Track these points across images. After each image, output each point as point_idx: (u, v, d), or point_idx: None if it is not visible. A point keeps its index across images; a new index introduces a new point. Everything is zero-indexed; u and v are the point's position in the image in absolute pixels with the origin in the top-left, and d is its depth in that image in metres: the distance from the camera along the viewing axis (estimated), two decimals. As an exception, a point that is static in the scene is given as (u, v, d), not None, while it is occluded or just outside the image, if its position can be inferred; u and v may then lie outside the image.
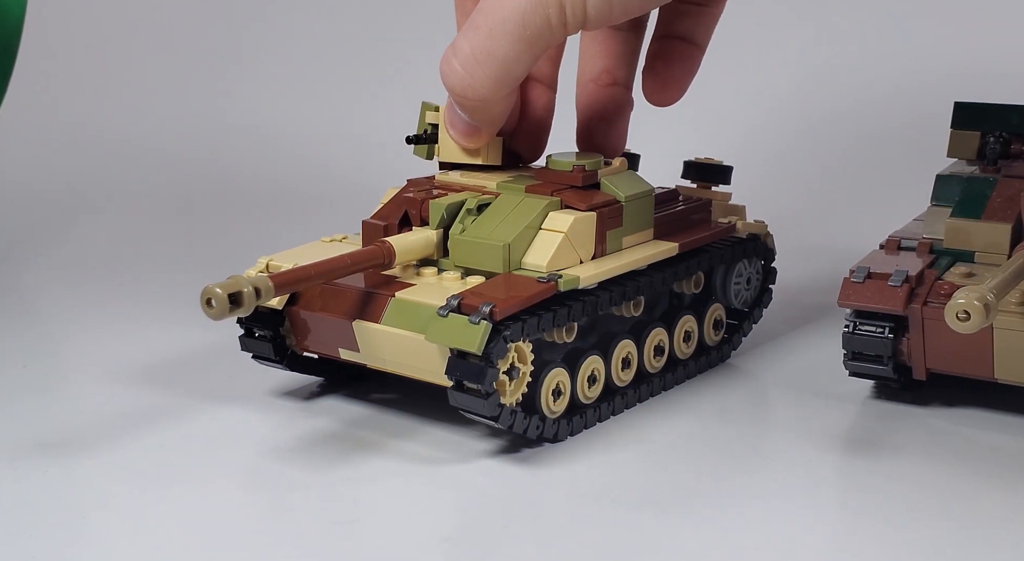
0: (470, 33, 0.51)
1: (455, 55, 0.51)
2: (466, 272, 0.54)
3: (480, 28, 0.50)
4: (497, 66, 0.50)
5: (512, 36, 0.50)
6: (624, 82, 0.59)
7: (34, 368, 0.64)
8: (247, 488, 0.50)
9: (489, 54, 0.50)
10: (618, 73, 0.59)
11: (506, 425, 0.51)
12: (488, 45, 0.50)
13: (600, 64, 0.59)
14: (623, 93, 0.59)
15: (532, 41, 0.50)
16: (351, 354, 0.54)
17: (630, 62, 0.59)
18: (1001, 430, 0.55)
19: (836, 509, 0.49)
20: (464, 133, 0.55)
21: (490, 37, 0.50)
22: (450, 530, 0.47)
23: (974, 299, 0.45)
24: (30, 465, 0.52)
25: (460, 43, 0.51)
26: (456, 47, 0.51)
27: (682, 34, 0.58)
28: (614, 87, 0.59)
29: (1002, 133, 0.64)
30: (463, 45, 0.51)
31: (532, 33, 0.49)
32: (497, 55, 0.50)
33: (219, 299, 0.46)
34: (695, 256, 0.59)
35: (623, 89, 0.59)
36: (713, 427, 0.56)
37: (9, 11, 0.81)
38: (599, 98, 0.59)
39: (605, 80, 0.59)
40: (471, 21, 0.51)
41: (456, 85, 0.52)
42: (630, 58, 0.59)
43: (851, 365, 0.57)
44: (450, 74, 0.52)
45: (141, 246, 0.87)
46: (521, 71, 0.51)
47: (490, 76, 0.51)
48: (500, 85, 0.51)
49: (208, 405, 0.58)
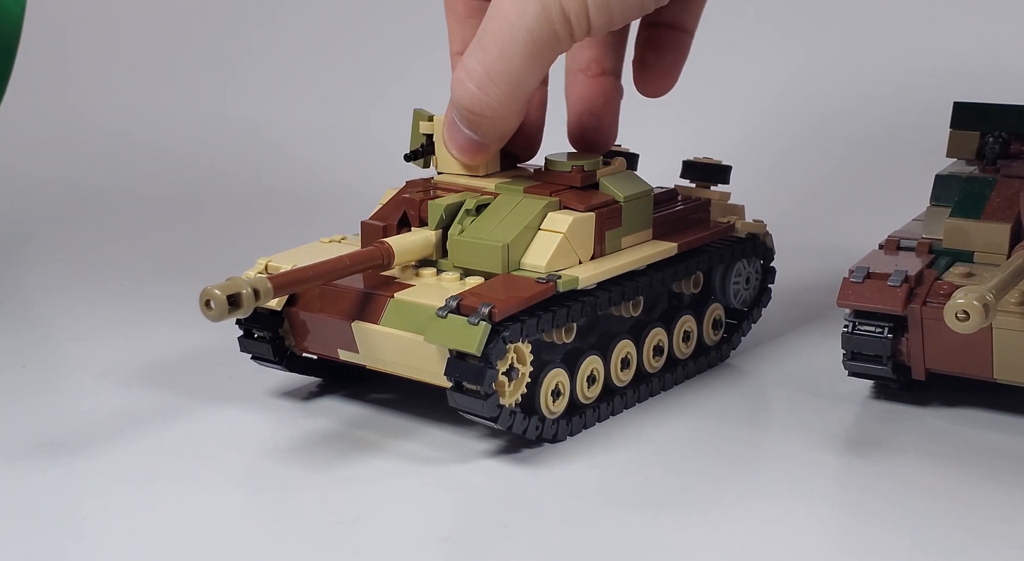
0: (480, 54, 0.51)
1: (469, 77, 0.52)
2: (465, 273, 0.54)
3: (490, 49, 0.51)
4: (511, 83, 0.52)
5: (523, 54, 0.51)
6: (613, 71, 0.59)
7: (34, 368, 0.64)
8: (247, 488, 0.50)
9: (502, 73, 0.51)
10: (606, 62, 0.59)
11: (505, 426, 0.51)
12: (501, 64, 0.51)
13: (588, 54, 0.59)
14: (612, 82, 0.59)
15: (542, 55, 0.51)
16: (350, 355, 0.54)
17: (617, 51, 0.59)
18: (1001, 430, 0.55)
19: (836, 509, 0.49)
20: (465, 149, 0.56)
21: (502, 57, 0.51)
22: (449, 530, 0.47)
23: (973, 299, 0.45)
24: (30, 465, 0.52)
25: (472, 65, 0.52)
26: (468, 69, 0.52)
27: (670, 21, 0.58)
28: (603, 77, 0.59)
29: (1001, 133, 0.64)
30: (475, 67, 0.52)
31: (541, 48, 0.51)
32: (511, 73, 0.51)
33: (218, 300, 0.46)
34: (694, 256, 0.59)
35: (612, 78, 0.59)
36: (712, 427, 0.56)
37: (9, 11, 0.81)
38: (589, 88, 0.59)
39: (594, 70, 0.59)
40: (480, 41, 0.52)
41: (474, 105, 0.53)
42: (617, 47, 0.59)
43: (850, 365, 0.57)
44: (466, 96, 0.52)
45: (141, 247, 0.87)
46: (534, 85, 0.52)
47: (505, 94, 0.52)
48: (514, 101, 0.52)
49: (207, 405, 0.58)
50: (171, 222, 0.93)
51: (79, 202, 0.98)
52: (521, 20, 0.50)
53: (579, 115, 0.59)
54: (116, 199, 0.99)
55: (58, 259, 0.84)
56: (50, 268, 0.82)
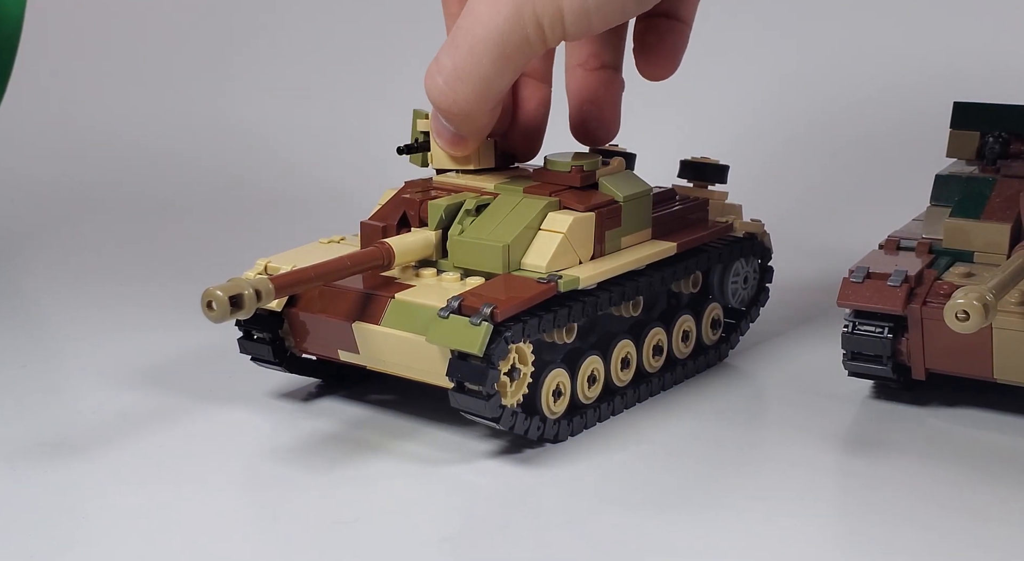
0: (451, 50, 0.51)
1: (439, 72, 0.52)
2: (465, 273, 0.54)
3: (460, 46, 0.51)
4: (479, 82, 0.51)
5: (492, 54, 0.50)
6: (613, 64, 0.59)
7: (34, 368, 0.64)
8: (247, 489, 0.50)
9: (470, 72, 0.51)
10: (605, 56, 0.59)
11: (507, 426, 0.51)
12: (469, 63, 0.51)
13: (587, 48, 0.59)
14: (613, 75, 0.59)
15: (512, 58, 0.50)
16: (351, 356, 0.54)
17: (616, 44, 0.59)
18: (1001, 430, 0.55)
19: (835, 509, 0.49)
20: (450, 142, 0.56)
21: (470, 55, 0.50)
22: (450, 530, 0.47)
23: (973, 299, 0.45)
24: (30, 465, 0.52)
25: (443, 60, 0.51)
26: (440, 63, 0.52)
27: (667, 12, 0.58)
28: (603, 70, 0.59)
29: (1001, 133, 0.64)
30: (446, 62, 0.51)
31: (511, 50, 0.50)
32: (479, 72, 0.51)
33: (220, 301, 0.46)
34: (693, 255, 0.59)
35: (612, 71, 0.59)
36: (712, 427, 0.56)
37: (9, 11, 0.81)
38: (589, 83, 0.59)
39: (593, 64, 0.59)
40: (452, 38, 0.51)
41: (440, 100, 0.52)
42: (616, 41, 0.59)
43: (850, 365, 0.57)
44: (434, 89, 0.52)
45: (140, 247, 0.87)
46: (503, 85, 0.52)
47: (473, 91, 0.51)
48: (483, 100, 0.52)
49: (207, 406, 0.58)
50: (171, 223, 0.93)
51: (79, 202, 0.98)
52: (493, 22, 0.50)
53: (580, 105, 0.59)
54: (116, 199, 0.99)
55: (58, 259, 0.84)
56: (50, 268, 0.82)
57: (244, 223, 0.92)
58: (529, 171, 0.59)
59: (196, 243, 0.88)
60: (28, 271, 0.81)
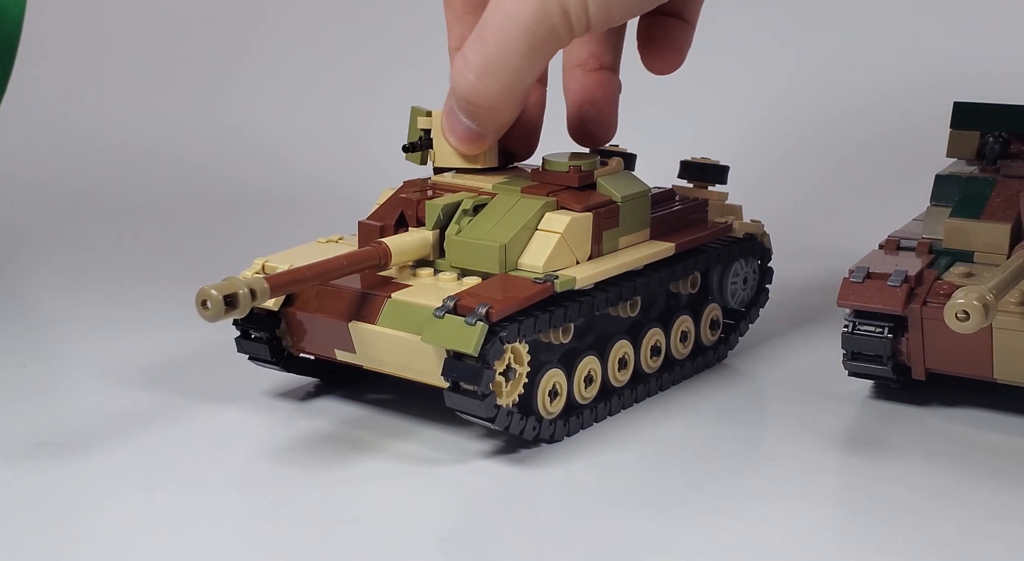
0: (479, 45, 0.52)
1: (467, 67, 0.52)
2: (462, 273, 0.54)
3: (488, 41, 0.51)
4: (509, 76, 0.52)
5: (521, 47, 0.51)
6: (611, 66, 0.59)
7: (34, 368, 0.64)
8: (245, 488, 0.50)
9: (501, 65, 0.52)
10: (604, 57, 0.59)
11: (502, 426, 0.51)
12: (498, 57, 0.51)
13: (586, 49, 0.59)
14: (611, 77, 0.59)
15: (540, 50, 0.51)
16: (347, 355, 0.54)
17: (615, 46, 0.59)
18: (1001, 430, 0.55)
19: (835, 509, 0.49)
20: (464, 139, 0.56)
21: (500, 49, 0.51)
22: (447, 530, 0.47)
23: (973, 299, 0.45)
24: (30, 465, 0.52)
25: (471, 56, 0.52)
26: (468, 59, 0.52)
27: (671, 13, 0.58)
28: (601, 71, 0.59)
29: (1001, 133, 0.64)
30: (474, 58, 0.52)
31: (539, 42, 0.51)
32: (509, 66, 0.51)
33: (214, 301, 0.46)
34: (692, 256, 0.59)
35: (610, 73, 0.59)
36: (711, 427, 0.56)
37: (9, 11, 0.81)
38: (588, 83, 0.59)
39: (592, 65, 0.59)
40: (480, 33, 0.52)
41: (472, 96, 0.53)
42: (615, 42, 0.59)
43: (850, 365, 0.57)
44: (465, 86, 0.53)
45: (139, 247, 0.87)
46: (531, 78, 0.53)
47: (503, 85, 0.52)
48: (512, 94, 0.53)
49: (205, 406, 0.58)
50: (169, 222, 0.93)
51: (79, 202, 0.98)
52: (520, 15, 0.50)
53: (579, 106, 0.59)
54: (115, 199, 0.99)
55: (58, 259, 0.84)
56: (50, 268, 0.82)
57: (243, 223, 0.92)
58: (527, 171, 0.59)
59: (195, 243, 0.88)
60: (28, 271, 0.81)
